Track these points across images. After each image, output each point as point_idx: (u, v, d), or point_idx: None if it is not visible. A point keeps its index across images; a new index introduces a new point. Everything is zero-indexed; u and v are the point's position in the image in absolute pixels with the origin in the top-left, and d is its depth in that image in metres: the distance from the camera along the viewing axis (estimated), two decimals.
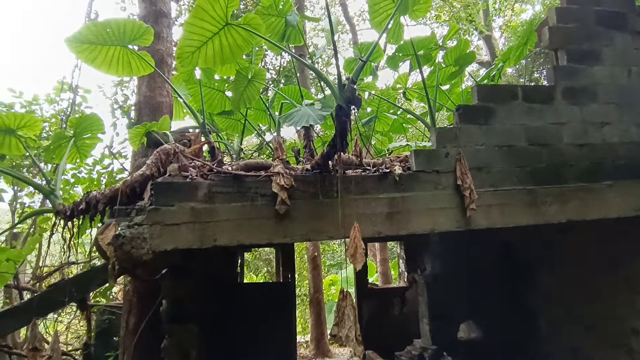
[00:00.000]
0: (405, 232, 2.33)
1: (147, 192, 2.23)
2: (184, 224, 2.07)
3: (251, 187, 2.18)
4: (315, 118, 3.04)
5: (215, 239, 2.09)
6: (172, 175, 2.22)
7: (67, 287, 2.85)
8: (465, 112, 2.55)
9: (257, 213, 2.15)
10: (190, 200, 2.11)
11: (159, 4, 4.24)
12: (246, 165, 2.32)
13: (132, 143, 3.14)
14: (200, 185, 2.14)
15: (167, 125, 3.17)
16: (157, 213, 2.06)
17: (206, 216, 2.10)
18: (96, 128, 3.43)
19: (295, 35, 3.19)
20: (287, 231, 2.17)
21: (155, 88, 4.09)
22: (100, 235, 2.12)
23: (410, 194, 2.38)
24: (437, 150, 2.47)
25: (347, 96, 2.01)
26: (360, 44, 3.50)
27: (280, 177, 2.15)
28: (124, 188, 2.23)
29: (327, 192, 2.27)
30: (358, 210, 2.27)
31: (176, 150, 2.40)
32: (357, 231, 2.03)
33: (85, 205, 2.39)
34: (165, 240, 2.04)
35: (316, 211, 2.23)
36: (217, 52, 2.57)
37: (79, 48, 2.89)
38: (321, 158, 2.21)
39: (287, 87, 4.82)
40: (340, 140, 2.01)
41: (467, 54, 3.58)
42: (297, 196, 2.22)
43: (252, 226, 2.14)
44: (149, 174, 2.27)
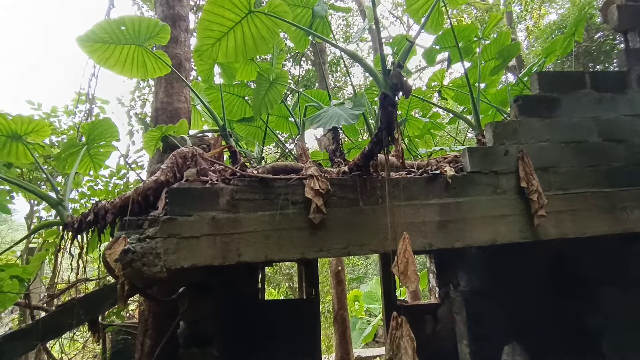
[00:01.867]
0: (461, 245, 1.96)
1: (162, 200, 1.95)
2: (203, 236, 1.77)
3: (280, 193, 1.86)
4: (347, 117, 2.73)
5: (240, 254, 1.78)
6: (189, 181, 1.93)
7: (76, 309, 2.59)
8: (525, 104, 2.19)
9: (288, 223, 1.84)
10: (210, 209, 1.81)
11: (176, 7, 4.07)
12: (273, 169, 2.02)
13: (146, 148, 2.89)
14: (222, 191, 1.84)
15: (185, 129, 2.92)
16: (172, 224, 1.77)
17: (229, 227, 1.79)
18: (110, 135, 3.20)
19: (322, 28, 2.92)
20: (323, 244, 1.84)
21: (172, 94, 3.88)
22: (108, 251, 1.84)
23: (465, 199, 2.02)
24: (495, 147, 2.11)
25: (393, 83, 1.69)
26: (396, 37, 3.19)
27: (315, 181, 1.83)
28: (136, 196, 1.95)
29: (369, 197, 1.94)
30: (405, 218, 1.93)
31: (194, 152, 2.12)
32: (408, 243, 1.68)
33: (94, 216, 2.12)
34: (181, 256, 1.74)
35: (356, 220, 1.90)
36: (240, 44, 2.31)
37: (92, 48, 2.68)
38: (361, 157, 1.89)
39: (310, 91, 4.56)
40: (387, 134, 1.69)
41: (511, 46, 3.23)
42: (334, 203, 1.90)
43: (282, 239, 1.82)
44: (163, 180, 1.99)
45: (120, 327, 3.95)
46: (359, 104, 2.88)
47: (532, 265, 3.60)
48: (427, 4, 2.67)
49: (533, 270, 3.63)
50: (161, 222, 1.77)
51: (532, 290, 3.64)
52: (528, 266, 3.56)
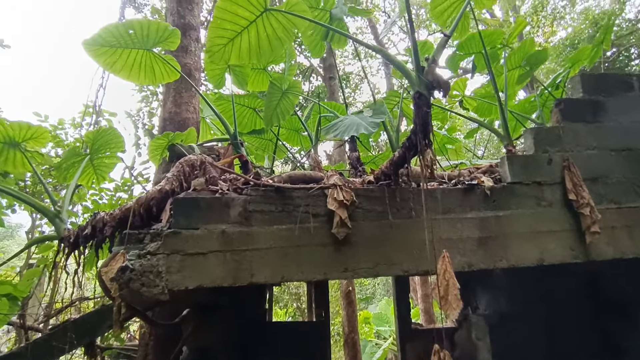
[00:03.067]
0: (504, 265, 1.72)
1: (166, 211, 1.75)
2: (211, 253, 1.55)
3: (299, 205, 1.65)
4: (367, 126, 2.54)
5: (253, 274, 1.56)
6: (197, 191, 1.73)
7: (70, 331, 2.36)
8: (568, 107, 1.98)
9: (308, 238, 1.61)
10: (220, 222, 1.60)
11: (187, 17, 3.97)
12: (291, 178, 1.81)
13: (152, 158, 2.71)
14: (234, 202, 1.63)
15: (193, 138, 2.75)
16: (176, 238, 1.55)
17: (241, 243, 1.58)
18: (115, 145, 3.04)
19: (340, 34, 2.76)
20: (349, 263, 1.61)
21: (181, 103, 3.73)
22: (104, 268, 1.63)
23: (506, 212, 1.79)
24: (537, 155, 1.89)
25: (428, 80, 1.50)
26: (423, 41, 3.02)
27: (338, 191, 1.62)
28: (137, 207, 1.75)
29: (399, 210, 1.71)
30: (441, 234, 1.69)
31: (203, 160, 1.92)
32: (448, 263, 1.45)
33: (91, 229, 1.92)
34: (186, 275, 1.52)
35: (385, 236, 1.67)
36: (254, 44, 2.14)
37: (98, 51, 2.54)
38: (390, 165, 1.67)
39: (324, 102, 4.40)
40: (423, 137, 1.48)
41: (539, 52, 3.05)
42: (360, 216, 1.68)
43: (301, 256, 1.59)
44: (168, 190, 1.79)
45: (120, 351, 3.69)
46: (380, 111, 2.69)
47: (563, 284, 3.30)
48: (453, 6, 2.51)
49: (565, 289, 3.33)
50: (164, 237, 1.56)
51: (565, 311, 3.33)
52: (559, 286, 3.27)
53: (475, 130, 4.11)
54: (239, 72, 2.82)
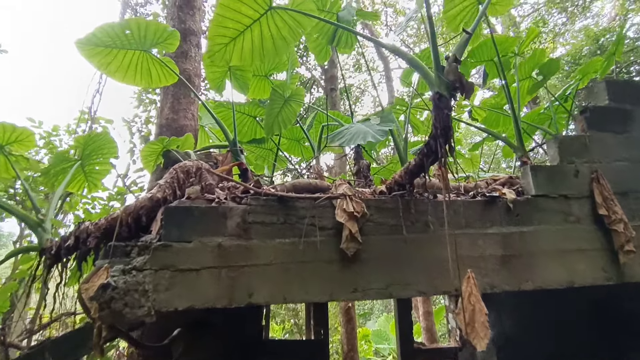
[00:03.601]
0: (529, 287, 1.55)
1: (157, 221, 1.58)
2: (205, 269, 1.38)
3: (304, 216, 1.49)
4: (375, 134, 2.40)
5: (251, 293, 1.38)
6: (191, 199, 1.57)
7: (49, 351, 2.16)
8: (594, 115, 1.84)
9: (314, 254, 1.44)
10: (215, 234, 1.43)
11: (188, 22, 3.88)
12: (295, 187, 1.65)
13: (145, 164, 2.55)
14: (232, 211, 1.46)
15: (191, 144, 2.60)
16: (166, 252, 1.38)
17: (239, 258, 1.41)
18: (108, 151, 2.88)
19: (347, 37, 2.65)
20: (358, 282, 1.44)
21: (179, 110, 3.60)
22: (85, 284, 1.45)
23: (530, 228, 1.63)
24: (562, 166, 1.74)
25: (450, 80, 1.35)
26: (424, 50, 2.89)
27: (348, 201, 1.46)
28: (125, 216, 1.58)
29: (414, 224, 1.55)
30: (460, 251, 1.53)
31: (199, 166, 1.77)
32: (473, 285, 1.28)
33: (74, 240, 1.75)
34: (176, 294, 1.34)
35: (399, 252, 1.50)
36: (257, 45, 2.01)
37: (92, 51, 2.41)
38: (406, 174, 1.52)
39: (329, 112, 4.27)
40: (444, 142, 1.33)
41: (552, 62, 2.93)
42: (371, 230, 1.51)
43: (305, 274, 1.42)
44: (160, 198, 1.62)
45: None
46: (388, 119, 2.56)
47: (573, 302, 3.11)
48: (466, 10, 2.39)
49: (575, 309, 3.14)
50: (152, 250, 1.39)
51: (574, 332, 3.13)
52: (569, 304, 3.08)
53: (480, 143, 3.97)
54: (240, 76, 2.69)
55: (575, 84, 3.60)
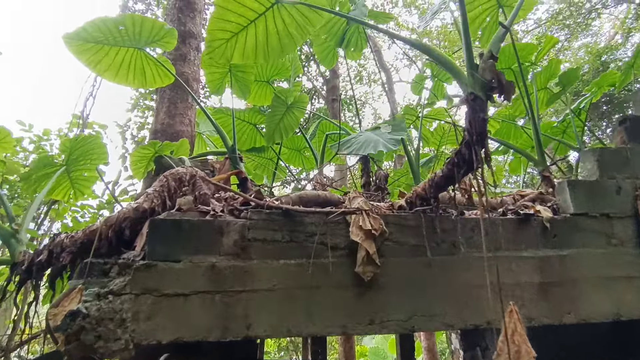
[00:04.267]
0: (572, 320, 1.34)
1: (142, 236, 1.36)
2: (196, 294, 1.16)
3: (313, 233, 1.28)
4: (386, 143, 2.21)
5: (250, 325, 1.16)
6: (183, 211, 1.36)
7: None
8: (636, 126, 1.66)
9: (324, 278, 1.23)
10: (210, 253, 1.22)
11: (188, 24, 3.72)
12: (301, 200, 1.44)
13: (134, 170, 2.34)
14: (229, 226, 1.25)
15: (186, 149, 2.40)
16: (150, 273, 1.17)
17: (236, 281, 1.19)
18: (97, 156, 2.67)
19: (357, 39, 2.48)
20: (376, 312, 1.23)
21: (175, 115, 3.41)
22: (54, 309, 1.23)
23: (570, 251, 1.43)
24: (602, 182, 1.55)
25: (486, 79, 1.17)
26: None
27: (364, 217, 1.25)
28: (105, 229, 1.37)
29: (439, 244, 1.35)
30: (492, 277, 1.32)
31: (193, 174, 1.56)
32: (517, 321, 1.07)
33: (48, 254, 1.53)
34: (159, 324, 1.12)
35: (422, 277, 1.29)
36: (261, 42, 1.83)
37: (81, 47, 2.22)
38: (431, 186, 1.32)
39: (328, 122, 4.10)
40: (480, 147, 1.13)
41: (571, 71, 2.78)
42: (390, 251, 1.31)
43: (314, 302, 1.21)
44: (147, 208, 1.41)
45: None
46: (399, 127, 2.37)
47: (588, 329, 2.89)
48: (485, 13, 2.24)
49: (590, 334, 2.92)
50: (134, 270, 1.17)
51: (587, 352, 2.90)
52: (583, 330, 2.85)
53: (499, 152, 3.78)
54: (242, 79, 2.52)
55: (590, 97, 3.45)
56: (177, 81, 3.63)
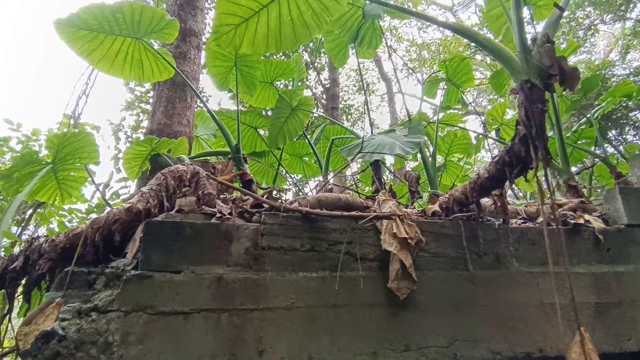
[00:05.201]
0: (634, 347, 1.16)
1: (135, 241, 1.16)
2: (198, 313, 0.96)
3: (338, 242, 1.09)
4: (403, 146, 2.04)
5: (263, 350, 0.96)
6: (184, 212, 1.16)
7: None
8: None
9: (351, 295, 1.04)
10: (216, 263, 1.02)
11: (189, 22, 3.56)
12: (320, 203, 1.26)
13: (127, 169, 2.14)
14: (240, 231, 1.06)
15: (185, 148, 2.21)
16: (143, 286, 0.97)
17: (247, 297, 0.99)
18: (87, 155, 2.46)
19: (371, 36, 2.32)
20: (411, 337, 1.03)
21: (173, 115, 3.23)
22: (25, 327, 1.02)
23: (628, 267, 1.25)
24: None
25: (545, 65, 1.00)
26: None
27: (399, 224, 1.07)
28: (91, 232, 1.16)
29: (481, 256, 1.16)
30: (540, 295, 1.14)
31: (197, 171, 1.37)
32: (592, 352, 0.88)
33: (23, 261, 1.32)
34: (154, 349, 0.92)
35: (463, 295, 1.11)
36: (274, 29, 1.66)
37: (74, 35, 2.04)
38: (473, 189, 1.14)
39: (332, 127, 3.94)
40: (540, 142, 0.96)
41: (593, 77, 2.65)
42: (426, 264, 1.12)
43: (339, 323, 1.01)
44: (141, 210, 1.21)
45: None
46: (417, 130, 2.21)
47: None
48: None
49: None
50: (124, 282, 0.97)
51: None
52: None
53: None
54: (247, 74, 2.34)
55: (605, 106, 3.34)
56: (175, 80, 3.47)
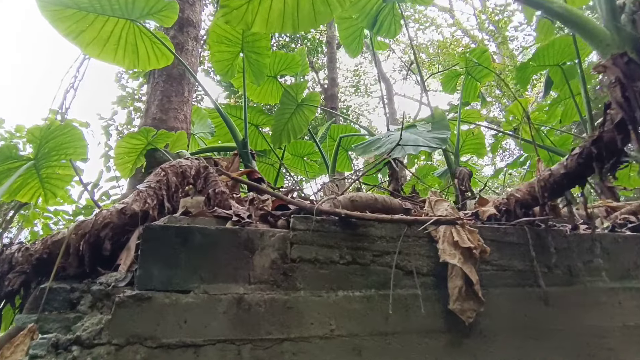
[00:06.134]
0: None
1: (129, 251, 0.94)
2: (213, 345, 0.74)
3: (384, 252, 0.88)
4: (428, 142, 1.85)
5: None
6: (191, 215, 0.94)
7: None
8: None
9: (402, 320, 0.83)
10: (234, 279, 0.80)
11: (187, 11, 3.33)
12: (354, 203, 1.04)
13: (119, 165, 1.90)
14: (264, 239, 0.84)
15: (184, 143, 1.99)
16: (140, 309, 0.75)
17: (275, 324, 0.78)
18: (74, 151, 2.22)
19: (389, 24, 2.13)
20: None
21: (169, 109, 2.99)
22: None
23: None
24: None
25: None
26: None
27: (459, 230, 0.87)
28: (75, 239, 0.94)
29: (552, 269, 0.96)
30: (622, 317, 0.94)
31: (203, 166, 1.15)
32: None
33: None
34: None
35: (535, 317, 0.90)
36: (291, 6, 1.45)
37: (60, 14, 1.81)
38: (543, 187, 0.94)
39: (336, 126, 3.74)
40: None
41: None
42: (489, 278, 0.92)
43: (389, 356, 0.80)
44: (136, 211, 0.99)
45: None
46: (442, 125, 2.01)
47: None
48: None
49: None
50: (116, 305, 0.75)
51: None
52: None
53: (524, 160, 3.40)
54: (255, 62, 2.12)
55: None
56: (171, 72, 3.24)
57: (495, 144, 3.02)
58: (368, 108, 13.56)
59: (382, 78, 9.56)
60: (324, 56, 9.02)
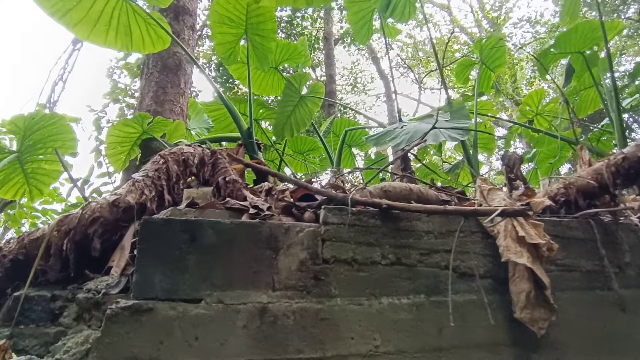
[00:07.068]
0: None
1: (123, 251, 0.78)
2: None
3: (431, 250, 0.73)
4: (449, 133, 1.71)
5: None
6: (199, 207, 0.79)
7: None
8: None
9: (459, 332, 0.68)
10: (255, 285, 0.65)
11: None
12: (387, 194, 0.89)
13: (111, 157, 1.72)
14: (289, 235, 0.69)
15: (182, 133, 1.83)
16: (138, 324, 0.59)
17: (305, 339, 0.62)
18: (62, 144, 2.05)
19: (404, 6, 1.98)
20: None
21: (165, 101, 2.82)
22: None
23: None
24: None
25: None
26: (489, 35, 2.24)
27: (523, 223, 0.72)
28: (57, 237, 0.78)
29: (623, 269, 0.82)
30: None
31: (210, 152, 0.99)
32: None
33: None
34: None
35: (611, 327, 0.76)
36: None
37: None
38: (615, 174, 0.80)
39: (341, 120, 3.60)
40: None
41: None
42: (554, 280, 0.77)
43: None
44: (132, 203, 0.84)
45: None
46: (461, 114, 1.87)
47: None
48: None
49: None
50: (107, 317, 0.59)
51: None
52: None
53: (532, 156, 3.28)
54: (260, 45, 1.95)
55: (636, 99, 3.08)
56: (167, 63, 3.07)
57: (509, 136, 2.89)
58: (365, 106, 13.42)
59: (381, 75, 9.42)
60: (320, 53, 8.86)
